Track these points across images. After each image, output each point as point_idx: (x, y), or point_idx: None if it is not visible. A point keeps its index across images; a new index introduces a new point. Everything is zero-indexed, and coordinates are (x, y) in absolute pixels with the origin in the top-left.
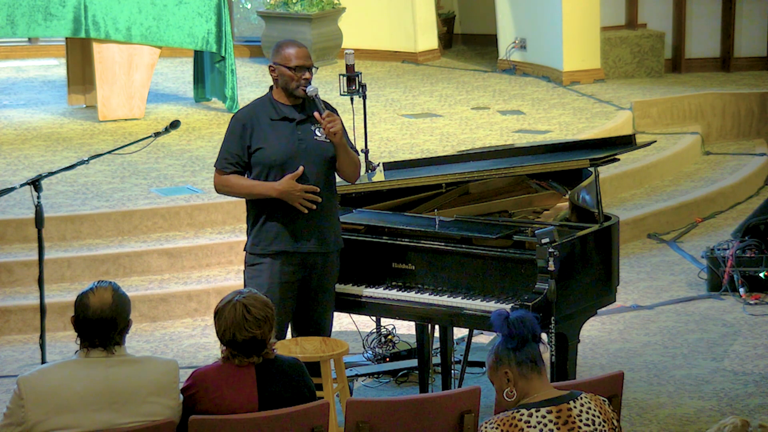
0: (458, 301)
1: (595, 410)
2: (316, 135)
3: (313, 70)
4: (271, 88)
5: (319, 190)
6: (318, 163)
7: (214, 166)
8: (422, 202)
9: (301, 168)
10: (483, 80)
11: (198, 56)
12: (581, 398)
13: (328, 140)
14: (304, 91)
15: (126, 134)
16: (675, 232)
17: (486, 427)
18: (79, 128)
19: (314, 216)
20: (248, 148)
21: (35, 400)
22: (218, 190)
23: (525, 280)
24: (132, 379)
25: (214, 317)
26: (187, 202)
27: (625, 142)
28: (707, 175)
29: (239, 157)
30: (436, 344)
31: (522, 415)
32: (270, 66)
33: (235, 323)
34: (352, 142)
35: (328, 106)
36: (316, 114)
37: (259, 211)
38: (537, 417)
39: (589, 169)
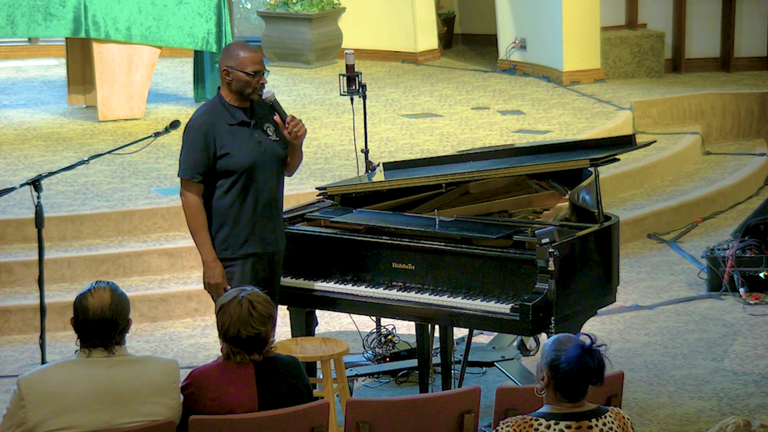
0: (458, 301)
1: (617, 431)
2: (269, 135)
3: (266, 73)
4: (218, 89)
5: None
6: (275, 163)
7: (181, 176)
8: (422, 202)
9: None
10: (483, 80)
11: (198, 56)
12: (605, 417)
13: (278, 139)
14: (260, 96)
15: (126, 134)
16: (675, 232)
17: (501, 427)
18: (79, 128)
19: (274, 217)
20: (213, 154)
21: (36, 400)
22: (183, 204)
23: (525, 280)
24: (133, 379)
25: (217, 313)
26: None
27: (625, 142)
28: (707, 175)
29: (206, 165)
30: (436, 344)
31: (540, 424)
32: (224, 69)
33: (241, 319)
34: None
35: (276, 106)
36: (276, 118)
37: (225, 218)
38: (554, 429)
39: (589, 169)
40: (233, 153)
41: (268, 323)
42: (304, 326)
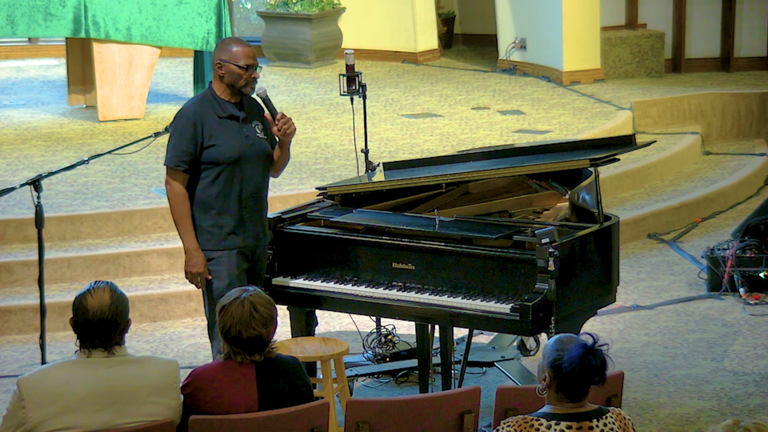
0: (458, 301)
1: (618, 431)
2: (257, 133)
3: (258, 69)
4: (209, 83)
5: None
6: (262, 159)
7: (166, 164)
8: (422, 202)
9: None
10: (483, 80)
11: (198, 56)
12: (606, 417)
13: (266, 137)
14: (251, 90)
15: (126, 134)
16: (675, 232)
17: (502, 427)
18: (79, 128)
19: (258, 211)
20: (201, 144)
21: (36, 401)
22: (168, 193)
23: (525, 280)
24: (133, 380)
25: (219, 313)
26: None
27: (625, 142)
28: (707, 175)
29: (192, 155)
30: (436, 344)
31: (541, 424)
32: (217, 63)
33: (242, 320)
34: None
35: (268, 103)
36: (267, 114)
37: (210, 208)
38: (555, 430)
39: (589, 169)
40: (220, 144)
41: (270, 325)
42: (304, 326)
